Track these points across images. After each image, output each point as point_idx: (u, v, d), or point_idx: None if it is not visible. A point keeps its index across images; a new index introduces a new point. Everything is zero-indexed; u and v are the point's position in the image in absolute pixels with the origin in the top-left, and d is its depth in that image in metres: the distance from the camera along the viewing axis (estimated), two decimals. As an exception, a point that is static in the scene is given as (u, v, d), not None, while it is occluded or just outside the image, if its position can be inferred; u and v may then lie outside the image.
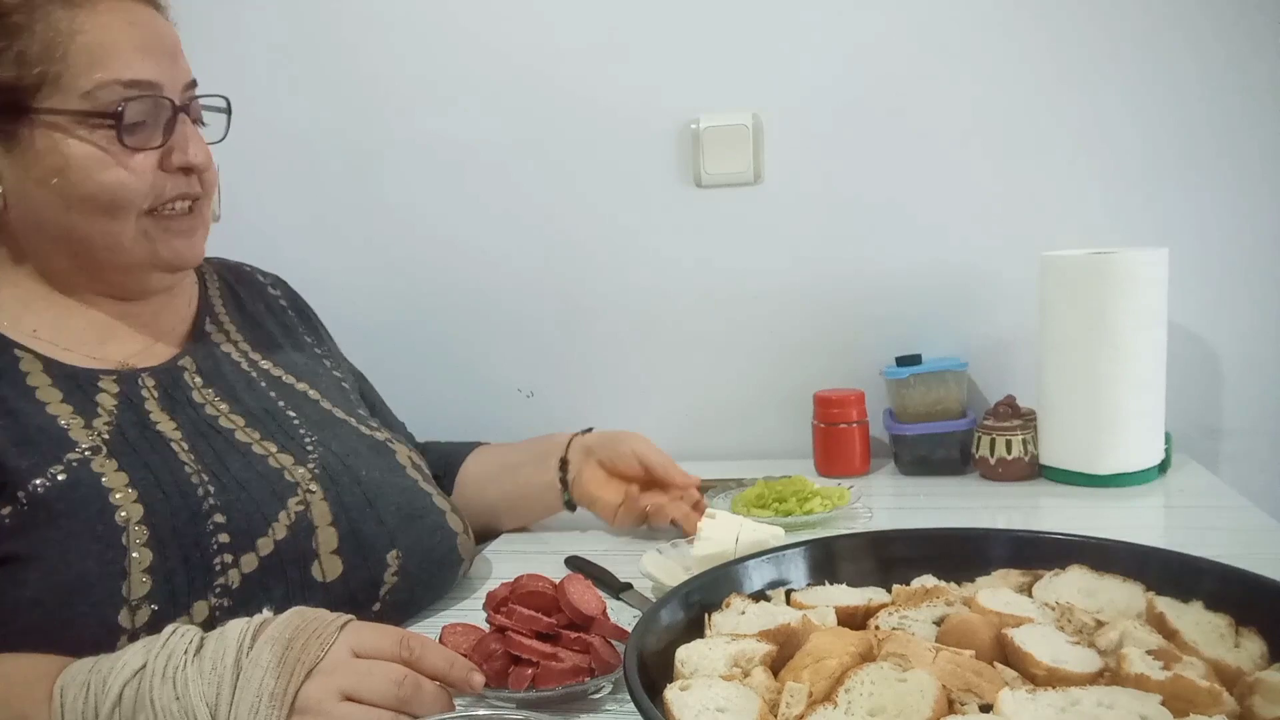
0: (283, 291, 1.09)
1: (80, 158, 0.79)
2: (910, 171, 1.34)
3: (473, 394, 1.49)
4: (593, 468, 1.09)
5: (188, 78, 0.86)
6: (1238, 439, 1.32)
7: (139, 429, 0.80)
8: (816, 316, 1.40)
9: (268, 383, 0.93)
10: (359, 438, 0.93)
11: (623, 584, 0.91)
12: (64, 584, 0.70)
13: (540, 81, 1.41)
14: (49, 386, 0.79)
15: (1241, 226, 1.28)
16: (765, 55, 1.36)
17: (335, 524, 0.83)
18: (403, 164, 1.47)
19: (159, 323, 0.91)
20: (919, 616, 0.67)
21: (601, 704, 0.70)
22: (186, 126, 0.83)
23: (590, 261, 1.44)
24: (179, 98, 0.83)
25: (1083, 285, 1.15)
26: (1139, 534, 0.78)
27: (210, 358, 0.92)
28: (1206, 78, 1.26)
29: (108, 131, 0.79)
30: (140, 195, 0.81)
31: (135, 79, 0.80)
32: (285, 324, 1.04)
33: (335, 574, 0.82)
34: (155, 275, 0.87)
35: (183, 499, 0.76)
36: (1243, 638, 0.60)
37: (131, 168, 0.80)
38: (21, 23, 0.77)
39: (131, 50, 0.80)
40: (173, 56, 0.84)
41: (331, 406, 0.96)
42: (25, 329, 0.82)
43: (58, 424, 0.77)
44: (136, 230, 0.82)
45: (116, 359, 0.85)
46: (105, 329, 0.87)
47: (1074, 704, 0.53)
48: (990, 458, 1.22)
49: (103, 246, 0.82)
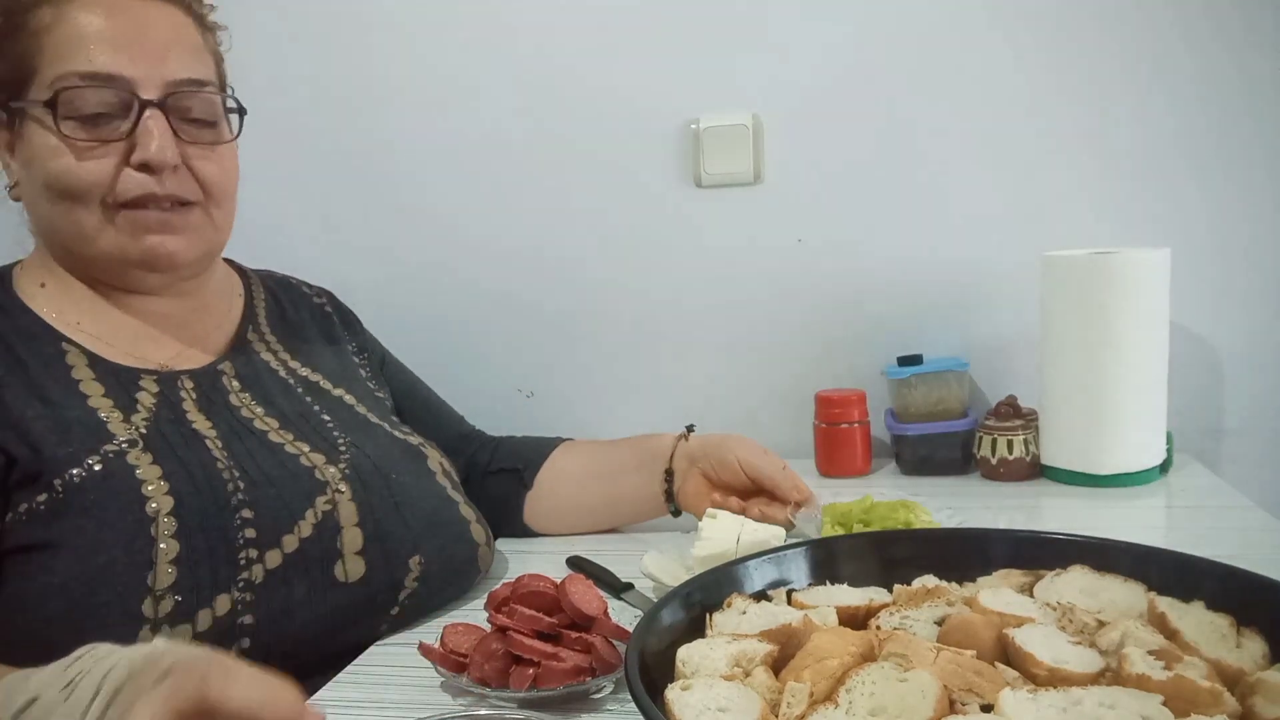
0: (328, 300, 1.10)
1: (39, 147, 0.81)
2: (910, 171, 1.34)
3: (473, 394, 1.48)
4: (697, 478, 1.04)
5: (178, 75, 0.83)
6: (1239, 439, 1.32)
7: (175, 426, 0.81)
8: (817, 316, 1.40)
9: (304, 388, 0.94)
10: (392, 441, 0.94)
11: (624, 584, 0.91)
12: (91, 572, 0.71)
13: (540, 81, 1.42)
14: (92, 380, 0.81)
15: (1242, 226, 1.28)
16: (765, 55, 1.35)
17: (361, 525, 0.83)
18: (402, 164, 1.47)
19: (195, 328, 0.92)
20: (920, 616, 0.67)
21: (603, 704, 0.70)
22: (155, 123, 0.81)
23: (590, 261, 1.44)
24: (157, 93, 0.82)
25: (1084, 285, 1.15)
26: (1140, 534, 0.78)
27: (250, 365, 0.92)
28: (1207, 78, 1.26)
29: (67, 122, 0.79)
30: (92, 186, 0.81)
31: (94, 72, 0.79)
32: (327, 331, 1.05)
33: (358, 575, 0.82)
34: (139, 273, 0.86)
35: (212, 492, 0.77)
36: (1244, 638, 0.60)
37: (86, 158, 0.80)
38: (17, 22, 0.80)
39: (98, 44, 0.80)
40: (156, 52, 0.82)
41: (367, 411, 0.97)
42: (70, 321, 0.85)
43: (97, 416, 0.78)
44: (101, 220, 0.82)
45: (157, 360, 0.86)
46: (140, 329, 0.88)
47: (1075, 704, 0.53)
48: (991, 458, 1.22)
49: (71, 235, 0.83)
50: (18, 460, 0.74)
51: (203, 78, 0.86)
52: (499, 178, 1.45)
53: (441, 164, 1.46)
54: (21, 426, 0.75)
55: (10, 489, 0.74)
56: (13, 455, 0.74)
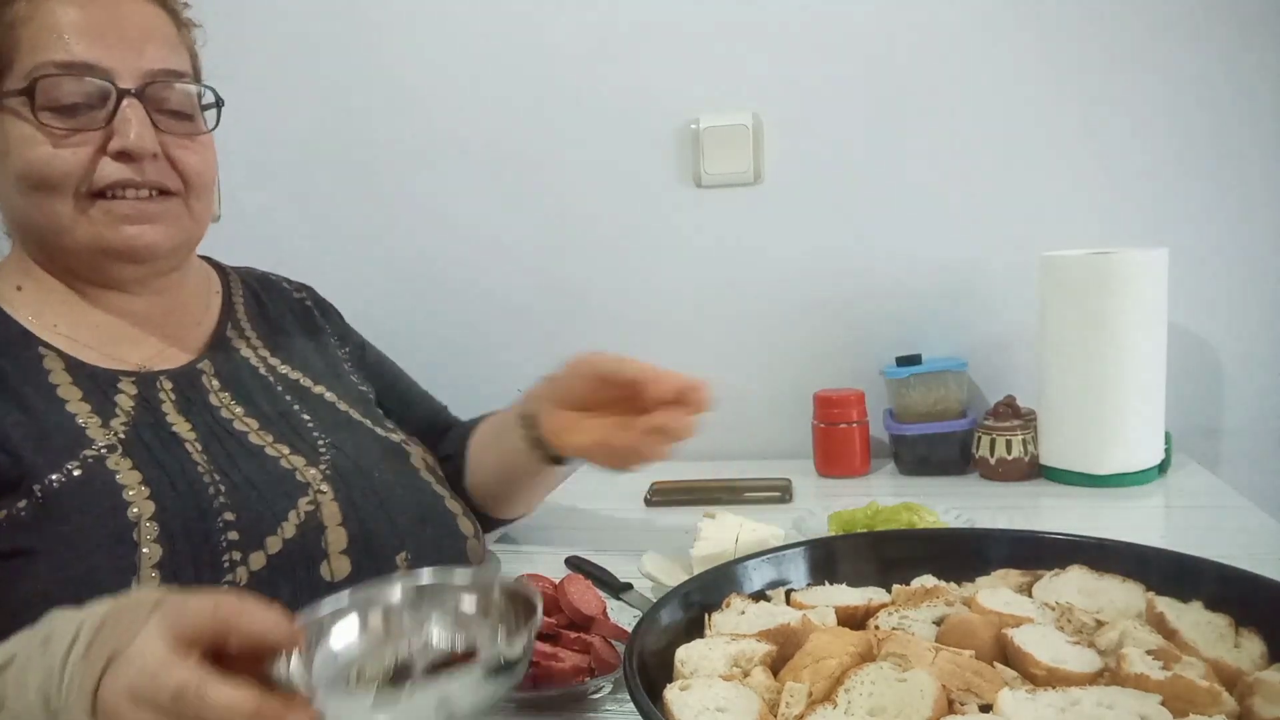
0: (308, 295, 1.09)
1: (15, 136, 0.80)
2: (910, 171, 1.34)
3: (471, 394, 1.49)
4: (555, 412, 0.91)
5: (155, 65, 0.83)
6: (1238, 439, 1.32)
7: (154, 430, 0.81)
8: (816, 316, 1.40)
9: (284, 387, 0.94)
10: (374, 439, 0.94)
11: (623, 584, 0.91)
12: (74, 578, 0.71)
13: (540, 82, 1.42)
14: (69, 385, 0.80)
15: (1241, 226, 1.28)
16: (765, 55, 1.36)
17: (345, 524, 0.83)
18: (402, 164, 1.47)
19: (173, 326, 0.91)
20: (919, 616, 0.67)
21: (601, 704, 0.70)
22: (133, 112, 0.81)
23: (591, 261, 1.44)
24: (135, 83, 0.82)
25: (1083, 285, 1.15)
26: (1139, 534, 0.78)
27: (229, 363, 0.92)
28: (1206, 78, 1.26)
29: (44, 112, 0.79)
30: (67, 175, 0.80)
31: (71, 61, 0.79)
32: (308, 327, 1.04)
33: (344, 574, 0.82)
34: (116, 265, 0.85)
35: (194, 497, 0.77)
36: (1242, 638, 0.60)
37: (62, 146, 0.80)
38: None
39: (75, 34, 0.80)
40: (133, 42, 0.82)
41: (348, 408, 0.96)
42: (47, 323, 0.84)
43: (75, 422, 0.78)
44: (76, 211, 0.81)
45: (134, 361, 0.86)
46: (118, 329, 0.87)
47: (1074, 704, 0.53)
48: (990, 458, 1.22)
49: (47, 228, 0.83)
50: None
51: (179, 69, 0.86)
52: (499, 177, 1.45)
53: (441, 164, 1.46)
54: (0, 434, 0.75)
55: None
56: None
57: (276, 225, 1.49)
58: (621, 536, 1.10)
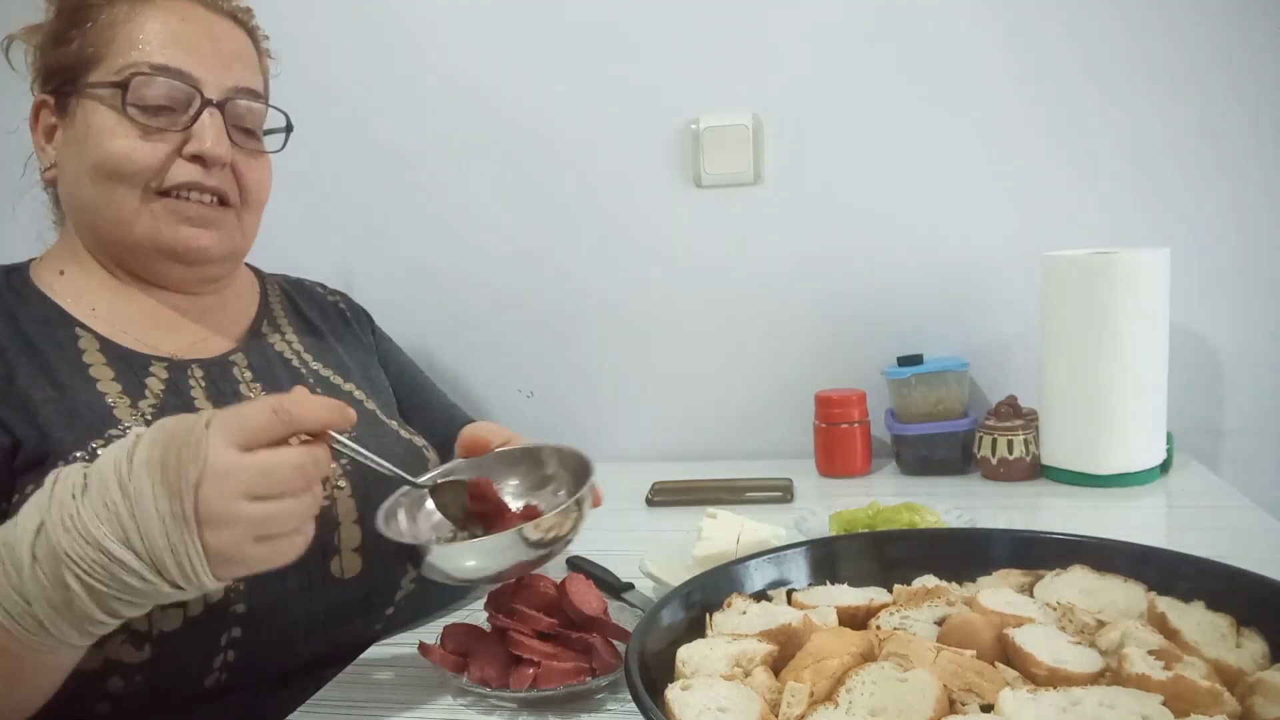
0: (342, 299, 1.13)
1: (98, 126, 0.84)
2: (911, 171, 1.34)
3: (473, 395, 1.49)
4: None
5: (238, 83, 0.88)
6: (1239, 439, 1.32)
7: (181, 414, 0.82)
8: (817, 316, 1.40)
9: (315, 381, 0.96)
10: (396, 440, 0.95)
11: (624, 584, 0.91)
12: None
13: (540, 82, 1.42)
14: (102, 365, 0.82)
15: (1241, 226, 1.28)
16: (765, 55, 1.36)
17: (360, 522, 0.84)
18: (401, 165, 1.47)
19: (210, 322, 0.93)
20: (920, 616, 0.67)
21: (603, 704, 0.70)
22: (213, 121, 0.86)
23: (591, 262, 1.45)
24: (219, 95, 0.87)
25: (1083, 285, 1.15)
26: (1140, 534, 0.78)
27: (263, 355, 0.94)
28: (1206, 78, 1.26)
29: (131, 107, 0.83)
30: (144, 169, 0.84)
31: (163, 64, 0.84)
32: (341, 329, 1.07)
33: (354, 572, 0.82)
34: (167, 263, 0.88)
35: None
36: (1244, 638, 0.60)
37: (144, 141, 0.84)
38: (91, 15, 0.85)
39: (170, 41, 0.85)
40: (223, 59, 0.88)
41: (376, 408, 0.98)
42: (85, 307, 0.86)
43: (105, 401, 0.79)
44: (141, 206, 0.85)
45: (169, 349, 0.87)
46: (158, 319, 0.89)
47: (1075, 704, 0.53)
48: (992, 458, 1.22)
49: (109, 218, 0.85)
50: (24, 443, 0.74)
51: (258, 89, 0.92)
52: (499, 178, 1.45)
53: (441, 164, 1.46)
54: (30, 409, 0.76)
55: (16, 471, 0.74)
56: (19, 438, 0.74)
57: (269, 225, 1.49)
58: (623, 536, 1.10)
